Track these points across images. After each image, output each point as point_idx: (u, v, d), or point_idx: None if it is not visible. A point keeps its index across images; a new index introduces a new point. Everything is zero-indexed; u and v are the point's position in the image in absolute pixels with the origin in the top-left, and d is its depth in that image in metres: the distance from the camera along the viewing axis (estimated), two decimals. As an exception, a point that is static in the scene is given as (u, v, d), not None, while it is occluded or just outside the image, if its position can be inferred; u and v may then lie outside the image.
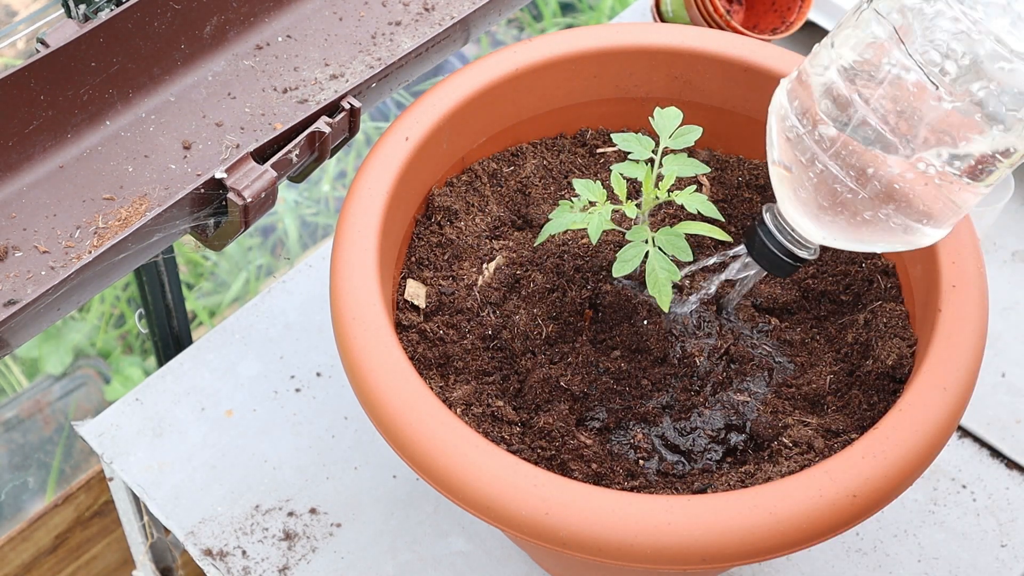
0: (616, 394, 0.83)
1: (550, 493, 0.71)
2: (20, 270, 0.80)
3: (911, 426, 0.73)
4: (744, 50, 0.94)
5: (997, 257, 1.15)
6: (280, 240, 1.79)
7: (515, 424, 0.81)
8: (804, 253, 0.79)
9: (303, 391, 1.05)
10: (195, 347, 1.08)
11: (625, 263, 0.80)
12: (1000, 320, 1.10)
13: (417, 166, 0.88)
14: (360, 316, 0.78)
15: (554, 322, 0.85)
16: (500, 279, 0.88)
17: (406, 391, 0.75)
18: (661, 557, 0.70)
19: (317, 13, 0.97)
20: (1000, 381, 1.06)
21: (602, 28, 0.96)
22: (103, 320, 1.69)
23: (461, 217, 0.92)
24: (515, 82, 0.92)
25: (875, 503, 0.72)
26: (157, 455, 1.01)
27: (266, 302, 1.11)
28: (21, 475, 1.57)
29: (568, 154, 0.97)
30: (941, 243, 0.82)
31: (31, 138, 0.84)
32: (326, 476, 1.00)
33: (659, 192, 0.82)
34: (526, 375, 0.84)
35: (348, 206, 0.84)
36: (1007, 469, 1.01)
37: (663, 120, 0.85)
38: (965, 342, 0.77)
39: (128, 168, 0.86)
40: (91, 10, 0.86)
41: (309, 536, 0.97)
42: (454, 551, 0.96)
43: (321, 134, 0.86)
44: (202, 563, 0.95)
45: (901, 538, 0.97)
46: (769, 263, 0.80)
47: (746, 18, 1.28)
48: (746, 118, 0.96)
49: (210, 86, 0.92)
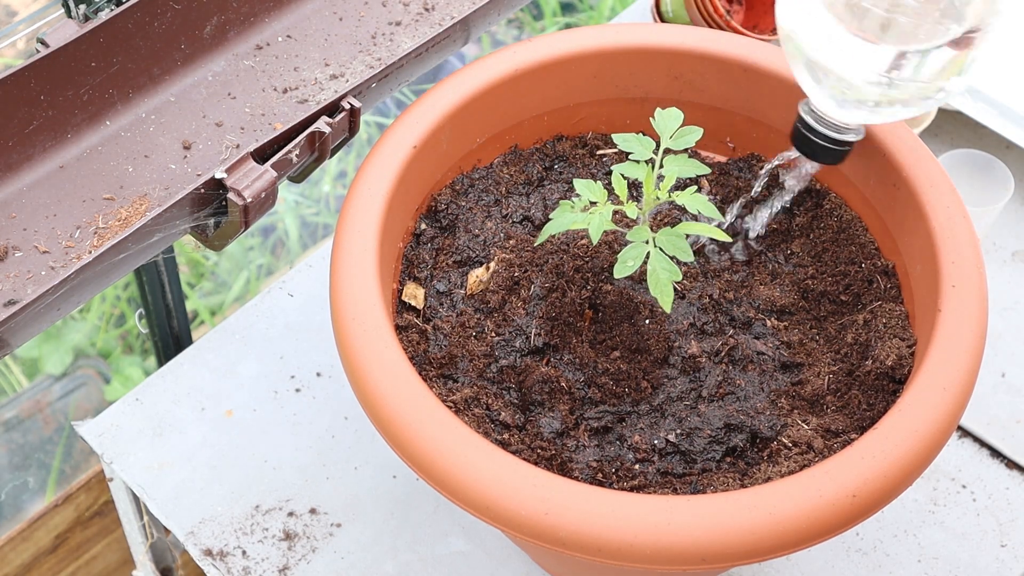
0: (616, 395, 0.83)
1: (550, 493, 0.71)
2: (20, 270, 0.80)
3: (911, 426, 0.74)
4: (744, 50, 0.94)
5: (997, 257, 1.15)
6: (280, 240, 1.79)
7: (515, 424, 0.81)
8: (849, 136, 0.83)
9: (303, 391, 1.05)
10: (195, 347, 1.08)
11: (626, 264, 0.80)
12: (1000, 320, 1.10)
13: (417, 166, 0.88)
14: (360, 316, 0.78)
15: (554, 322, 0.86)
16: (500, 279, 0.88)
17: (406, 391, 0.75)
18: (661, 557, 0.70)
19: (317, 13, 0.97)
20: (1000, 381, 1.06)
21: (602, 28, 0.96)
22: (103, 320, 1.69)
23: (461, 217, 0.92)
24: (515, 82, 0.92)
25: (875, 503, 0.72)
26: (157, 455, 1.01)
27: (266, 302, 1.11)
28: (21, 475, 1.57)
29: (568, 155, 0.97)
30: (941, 243, 0.82)
31: (31, 138, 0.84)
32: (326, 476, 1.00)
33: (660, 192, 0.82)
34: (526, 375, 0.84)
35: (348, 206, 0.84)
36: (1007, 469, 1.01)
37: (664, 120, 0.85)
38: (965, 342, 0.77)
39: (128, 168, 0.86)
40: (91, 10, 0.86)
41: (309, 536, 0.97)
42: (454, 551, 0.96)
43: (321, 134, 0.86)
44: (202, 563, 0.95)
45: (901, 538, 0.97)
46: (815, 152, 0.85)
47: (746, 18, 1.28)
48: (746, 118, 0.96)
49: (210, 86, 0.92)
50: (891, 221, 0.89)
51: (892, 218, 0.88)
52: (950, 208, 0.84)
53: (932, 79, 0.77)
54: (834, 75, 0.79)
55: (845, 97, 0.80)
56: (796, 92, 0.84)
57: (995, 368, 1.07)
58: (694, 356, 0.84)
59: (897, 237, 0.88)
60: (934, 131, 1.24)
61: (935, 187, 0.85)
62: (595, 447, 0.82)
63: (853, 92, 0.79)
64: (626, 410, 0.83)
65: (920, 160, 0.86)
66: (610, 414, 0.83)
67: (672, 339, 0.85)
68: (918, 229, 0.84)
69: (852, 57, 0.77)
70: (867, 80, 0.77)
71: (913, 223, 0.85)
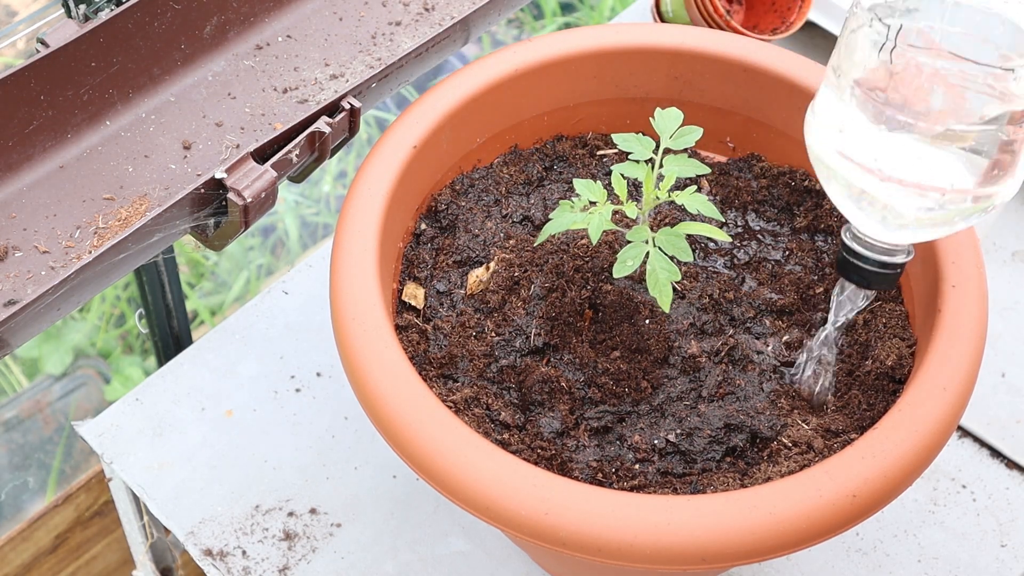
0: (616, 394, 0.83)
1: (550, 493, 0.71)
2: (20, 270, 0.80)
3: (911, 426, 0.74)
4: (744, 50, 0.94)
5: (997, 257, 1.15)
6: (280, 240, 1.79)
7: (515, 424, 0.81)
8: (899, 258, 0.76)
9: (303, 391, 1.05)
10: (195, 347, 1.08)
11: (625, 263, 0.80)
12: (1000, 320, 1.10)
13: (417, 166, 0.88)
14: (360, 316, 0.78)
15: (554, 322, 0.86)
16: (500, 279, 0.88)
17: (406, 391, 0.75)
18: (661, 557, 0.70)
19: (317, 13, 0.97)
20: (1000, 381, 1.06)
21: (602, 28, 0.96)
22: (103, 320, 1.69)
23: (461, 217, 0.92)
24: (515, 82, 0.92)
25: (875, 503, 0.72)
26: (157, 455, 1.01)
27: (266, 302, 1.11)
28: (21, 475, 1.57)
29: (568, 155, 0.97)
30: (941, 243, 0.82)
31: (31, 138, 0.84)
32: (326, 476, 1.00)
33: (659, 192, 0.82)
34: (526, 375, 0.84)
35: (348, 206, 0.84)
36: (1007, 469, 1.01)
37: (663, 121, 0.85)
38: (965, 342, 0.77)
39: (128, 168, 0.86)
40: (91, 10, 0.86)
41: (309, 536, 0.97)
42: (454, 551, 0.96)
43: (321, 134, 0.86)
44: (202, 563, 0.95)
45: (901, 538, 0.97)
46: (868, 280, 0.77)
47: (746, 18, 1.28)
48: (746, 118, 0.96)
49: (210, 86, 0.92)
50: (891, 221, 0.89)
51: (892, 218, 0.88)
52: (950, 208, 0.84)
53: (982, 196, 0.71)
54: (880, 203, 0.72)
55: (891, 223, 0.73)
56: (796, 92, 0.84)
57: (995, 368, 1.07)
58: (694, 356, 0.84)
59: (897, 237, 0.88)
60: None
61: (935, 187, 0.85)
62: (595, 447, 0.82)
63: (900, 219, 0.72)
64: (626, 410, 0.83)
65: (920, 160, 0.86)
66: (610, 414, 0.83)
67: (672, 339, 0.85)
68: (918, 229, 0.85)
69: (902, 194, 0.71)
70: (919, 207, 0.71)
71: (913, 223, 0.85)
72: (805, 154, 0.86)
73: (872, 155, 0.70)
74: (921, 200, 0.70)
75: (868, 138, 0.70)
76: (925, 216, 0.71)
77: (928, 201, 0.70)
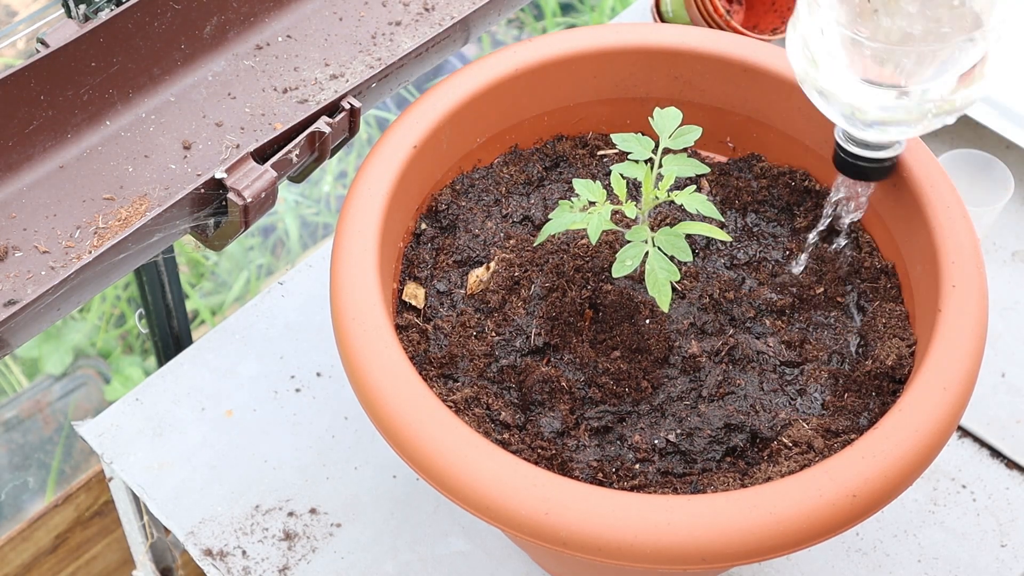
0: (616, 394, 0.83)
1: (550, 493, 0.71)
2: (20, 270, 0.80)
3: (911, 426, 0.74)
4: (744, 50, 0.94)
5: (997, 257, 1.15)
6: (280, 240, 1.79)
7: (515, 424, 0.81)
8: (886, 152, 0.82)
9: (303, 391, 1.05)
10: (195, 347, 1.08)
11: (625, 263, 0.80)
12: (1000, 320, 1.10)
13: (417, 166, 0.88)
14: (360, 316, 0.78)
15: (554, 322, 0.86)
16: (500, 279, 0.88)
17: (406, 391, 0.75)
18: (661, 557, 0.70)
19: (317, 13, 0.97)
20: (1000, 381, 1.06)
21: (602, 28, 0.96)
22: (103, 320, 1.69)
23: (461, 217, 0.92)
24: (515, 82, 0.92)
25: (875, 503, 0.72)
26: (157, 455, 1.01)
27: (266, 302, 1.11)
28: (21, 475, 1.57)
29: (568, 155, 0.97)
30: (941, 243, 0.82)
31: (31, 138, 0.84)
32: (326, 476, 1.00)
33: (659, 192, 0.82)
34: (526, 375, 0.84)
35: (348, 206, 0.84)
36: (1007, 469, 1.01)
37: (662, 120, 0.85)
38: (965, 342, 0.77)
39: (128, 168, 0.86)
40: (91, 10, 0.86)
41: (309, 536, 0.97)
42: (454, 551, 0.96)
43: (321, 134, 0.86)
44: (202, 563, 0.95)
45: (901, 538, 0.97)
46: (858, 173, 0.84)
47: (746, 18, 1.28)
48: (746, 118, 0.96)
49: (210, 86, 0.92)
50: (891, 221, 0.89)
51: (892, 218, 0.88)
52: (950, 208, 0.84)
53: (941, 100, 0.76)
54: (842, 102, 0.79)
55: (857, 120, 0.79)
56: (796, 92, 0.84)
57: (995, 368, 1.07)
58: (694, 356, 0.84)
59: (897, 237, 0.88)
60: (934, 131, 1.24)
61: (935, 187, 0.85)
62: (595, 447, 0.82)
63: (864, 116, 0.78)
64: (626, 410, 0.83)
65: (920, 160, 0.86)
66: (610, 414, 0.83)
67: (672, 339, 0.85)
68: (918, 229, 0.84)
69: (860, 92, 0.77)
70: (877, 106, 0.77)
71: (913, 223, 0.85)
72: (805, 154, 0.86)
73: (830, 53, 0.76)
74: (879, 97, 0.76)
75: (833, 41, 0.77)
76: (887, 115, 0.77)
77: (886, 98, 0.76)
